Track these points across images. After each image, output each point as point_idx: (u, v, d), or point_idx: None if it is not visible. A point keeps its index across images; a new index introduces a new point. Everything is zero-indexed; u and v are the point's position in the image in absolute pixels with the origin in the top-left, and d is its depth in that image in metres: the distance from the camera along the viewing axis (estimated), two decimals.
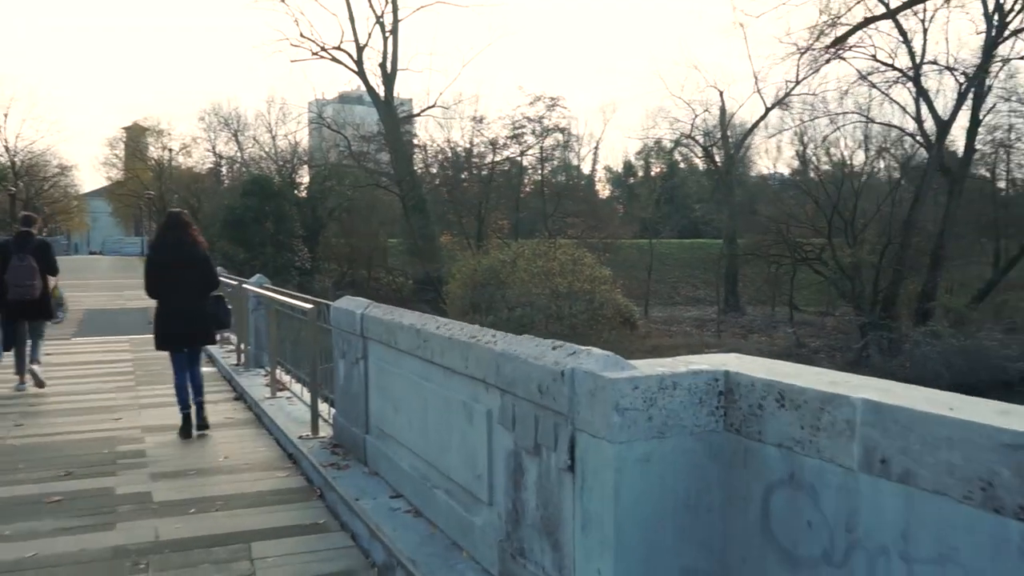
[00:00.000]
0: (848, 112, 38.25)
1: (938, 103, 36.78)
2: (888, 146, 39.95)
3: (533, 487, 2.90)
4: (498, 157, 36.18)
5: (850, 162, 40.70)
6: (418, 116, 39.99)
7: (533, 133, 35.59)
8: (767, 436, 2.36)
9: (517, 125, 35.14)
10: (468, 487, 3.53)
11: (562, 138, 37.84)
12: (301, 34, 37.50)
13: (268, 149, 43.65)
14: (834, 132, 40.01)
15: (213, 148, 54.52)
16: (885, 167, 41.41)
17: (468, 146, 36.52)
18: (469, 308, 27.47)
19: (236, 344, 10.86)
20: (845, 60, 37.46)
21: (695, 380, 2.52)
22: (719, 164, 46.14)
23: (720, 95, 42.34)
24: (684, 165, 60.82)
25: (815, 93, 39.09)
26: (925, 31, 36.31)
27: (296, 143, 39.91)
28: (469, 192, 36.38)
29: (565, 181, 44.18)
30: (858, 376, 2.42)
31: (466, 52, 72.69)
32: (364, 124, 41.47)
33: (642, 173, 64.68)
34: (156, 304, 6.93)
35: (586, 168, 48.82)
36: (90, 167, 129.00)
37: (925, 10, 35.84)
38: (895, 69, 36.88)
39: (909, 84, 37.04)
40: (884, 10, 34.95)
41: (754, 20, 54.26)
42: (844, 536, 2.10)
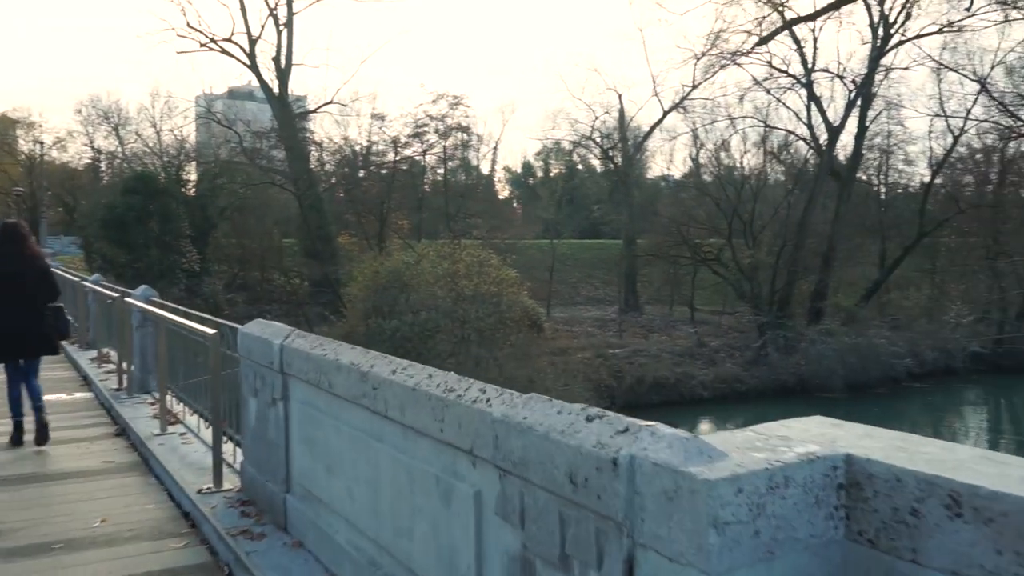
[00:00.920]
0: (745, 116, 39.11)
1: (831, 110, 38.05)
2: (783, 150, 41.07)
3: None
4: (400, 156, 35.05)
5: (748, 166, 41.67)
6: (314, 112, 38.39)
7: (436, 132, 34.68)
8: (930, 557, 1.63)
9: (419, 123, 34.17)
10: None
11: (465, 137, 37.07)
12: (188, 24, 35.31)
13: (152, 144, 40.90)
14: (731, 136, 40.91)
15: (91, 143, 50.80)
16: (784, 171, 42.59)
17: (368, 144, 35.27)
18: (371, 312, 26.31)
19: (117, 364, 9.47)
20: (740, 66, 38.28)
21: (811, 471, 1.76)
22: (618, 166, 46.42)
23: (619, 98, 42.57)
24: (582, 167, 61.19)
25: (709, 98, 39.82)
26: (815, 40, 37.47)
27: (183, 139, 37.57)
28: (369, 192, 35.08)
29: (466, 181, 43.44)
30: None
31: (364, 49, 70.93)
32: (256, 120, 39.55)
33: (542, 174, 64.69)
34: None
35: (485, 168, 48.28)
36: None
37: (815, 19, 36.99)
38: (789, 75, 37.96)
39: (802, 91, 38.20)
40: (781, 21, 35.82)
41: (653, 25, 54.97)
42: None
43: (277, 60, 36.21)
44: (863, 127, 37.88)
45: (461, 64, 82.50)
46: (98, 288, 11.96)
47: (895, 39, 36.55)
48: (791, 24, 33.40)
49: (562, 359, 28.88)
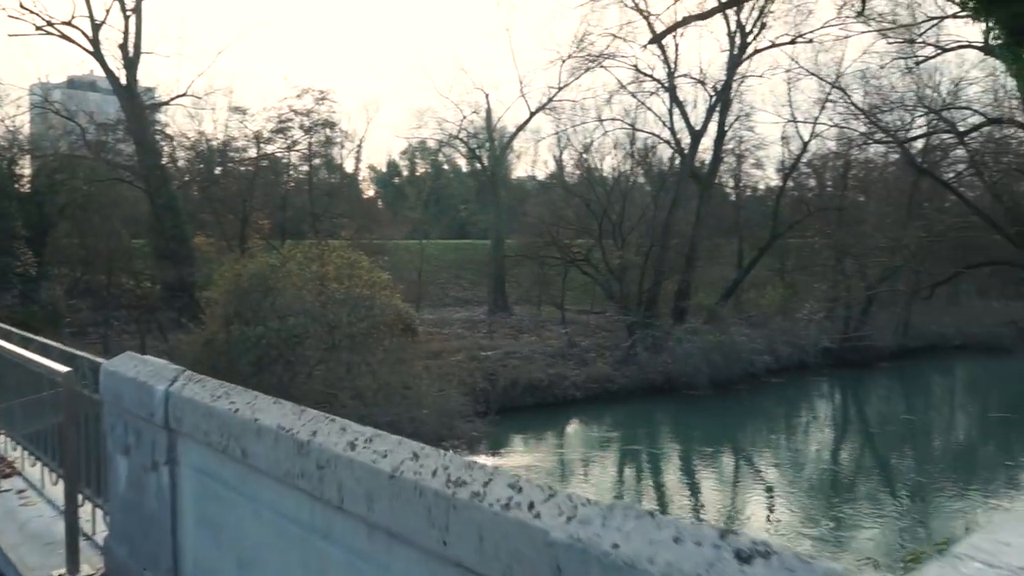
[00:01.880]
0: (613, 119, 39.66)
1: (695, 115, 39.21)
2: (650, 153, 42.04)
3: None
4: (262, 152, 33.06)
5: (617, 168, 42.33)
6: (166, 104, 35.62)
7: (301, 127, 32.92)
8: None
9: (283, 118, 32.33)
10: None
11: (331, 134, 35.50)
12: (21, 5, 31.73)
13: None
14: (600, 138, 41.39)
15: None
16: (649, 173, 43.57)
17: (226, 139, 33.04)
18: (233, 317, 24.55)
19: None
20: (607, 69, 38.81)
21: None
22: (485, 166, 46.12)
23: (487, 97, 42.20)
24: (448, 167, 60.56)
25: (576, 100, 40.15)
26: (677, 46, 38.51)
27: (16, 130, 33.84)
28: (228, 190, 32.88)
29: (331, 179, 41.78)
30: None
31: (221, 39, 66.88)
32: (101, 112, 36.28)
33: (407, 173, 63.52)
34: None
35: (349, 167, 46.68)
36: None
37: (676, 25, 37.98)
38: (654, 79, 38.83)
39: (666, 95, 39.17)
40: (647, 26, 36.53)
41: (521, 25, 55.07)
42: None
43: (124, 48, 33.33)
44: (722, 132, 39.32)
45: (325, 59, 79.75)
46: None
47: (751, 48, 38.20)
48: (669, 30, 34.07)
49: (436, 363, 28.11)
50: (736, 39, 37.97)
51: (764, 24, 37.48)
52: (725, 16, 37.71)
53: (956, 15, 17.82)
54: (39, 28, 33.12)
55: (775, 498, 21.64)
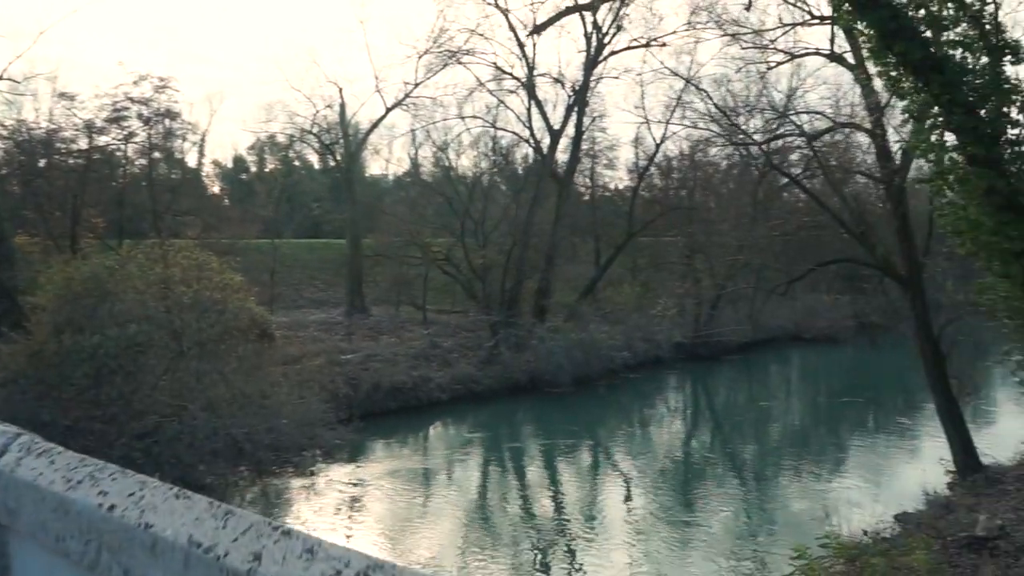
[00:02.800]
0: (474, 116, 39.38)
1: (554, 115, 39.60)
2: (511, 151, 42.18)
3: None
4: (94, 143, 30.23)
5: (478, 166, 42.15)
6: None
7: (139, 117, 30.35)
8: None
9: (119, 107, 29.64)
10: None
11: (173, 125, 33.03)
12: None
13: None
14: (460, 135, 41.01)
15: None
16: (509, 172, 43.69)
17: (51, 129, 29.97)
18: (64, 325, 22.24)
19: None
20: (464, 66, 38.48)
21: None
22: (339, 162, 44.75)
23: (340, 92, 40.83)
24: (299, 163, 58.38)
25: (433, 97, 39.57)
26: (534, 45, 38.79)
27: None
28: (55, 184, 29.89)
29: (171, 175, 39.07)
30: None
31: (44, 20, 61.11)
32: None
33: (256, 169, 60.73)
34: None
35: (192, 161, 43.85)
36: None
37: (535, 22, 38.30)
38: (514, 78, 38.90)
39: (524, 94, 39.33)
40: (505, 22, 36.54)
41: (376, 19, 53.81)
42: None
43: None
44: (579, 132, 39.95)
45: (164, 45, 74.43)
46: None
47: (607, 50, 39.02)
48: (552, 21, 34.06)
49: (295, 368, 26.77)
50: (593, 40, 38.66)
51: (620, 27, 38.40)
52: (582, 16, 38.38)
53: (806, 23, 18.71)
54: None
55: (632, 489, 22.47)
